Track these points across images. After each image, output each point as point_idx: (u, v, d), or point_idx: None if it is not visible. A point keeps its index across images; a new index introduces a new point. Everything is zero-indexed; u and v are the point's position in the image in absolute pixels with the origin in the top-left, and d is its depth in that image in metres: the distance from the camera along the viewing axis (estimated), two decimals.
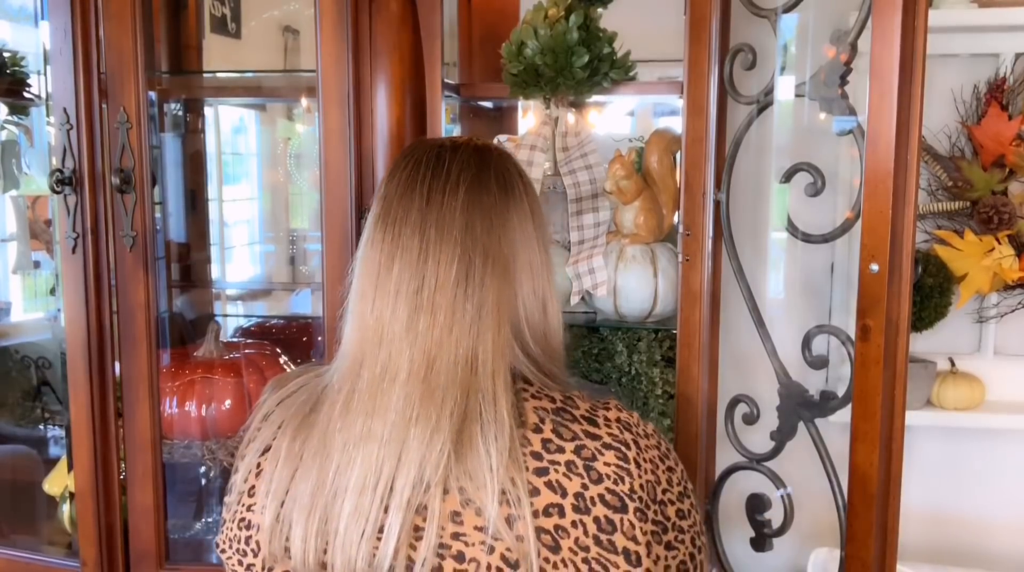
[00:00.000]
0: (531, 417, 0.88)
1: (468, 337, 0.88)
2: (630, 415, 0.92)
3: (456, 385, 0.86)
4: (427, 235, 0.89)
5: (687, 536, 0.93)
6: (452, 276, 0.88)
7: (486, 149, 0.98)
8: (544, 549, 0.84)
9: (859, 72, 1.23)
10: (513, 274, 0.92)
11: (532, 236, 0.94)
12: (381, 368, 0.88)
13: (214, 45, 1.95)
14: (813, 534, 1.64)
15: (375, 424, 0.86)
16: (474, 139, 1.00)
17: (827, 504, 1.31)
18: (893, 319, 1.22)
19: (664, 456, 0.92)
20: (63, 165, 1.53)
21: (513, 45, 1.52)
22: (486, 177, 0.93)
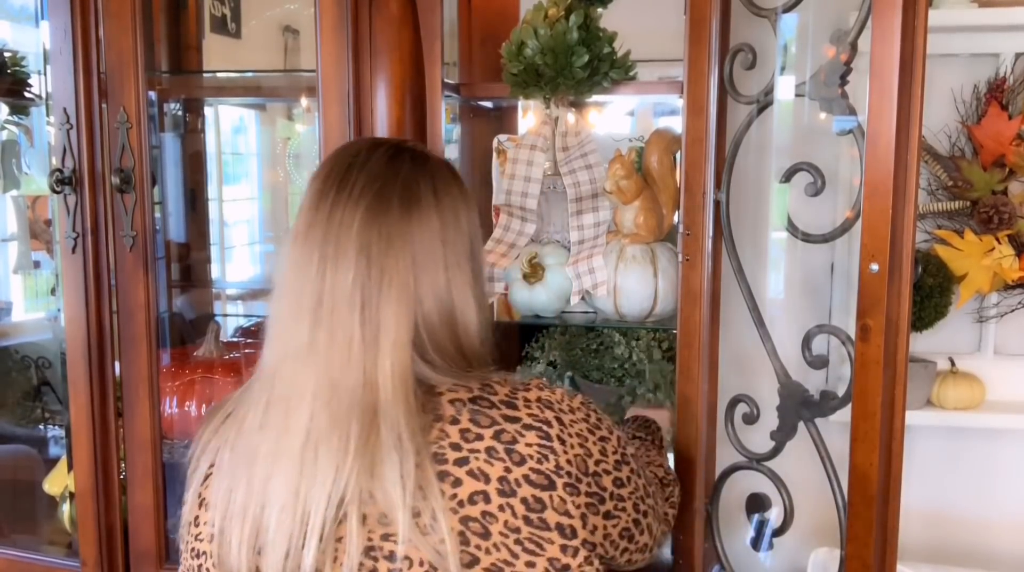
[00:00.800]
0: (447, 410, 0.89)
1: (366, 361, 0.88)
2: (552, 392, 0.94)
3: (358, 408, 0.87)
4: (325, 253, 0.90)
5: (628, 503, 0.96)
6: (347, 297, 0.89)
7: (398, 159, 0.96)
8: (475, 537, 0.85)
9: (859, 72, 1.23)
10: (413, 293, 0.91)
11: (439, 253, 0.93)
12: (289, 385, 0.90)
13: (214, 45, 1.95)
14: (813, 534, 1.64)
15: (288, 441, 0.88)
16: (393, 146, 0.99)
17: (827, 504, 1.31)
18: (893, 319, 1.22)
19: (595, 427, 0.94)
20: (63, 165, 1.53)
21: (513, 45, 1.52)
22: (389, 192, 0.92)
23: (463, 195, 0.99)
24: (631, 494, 0.97)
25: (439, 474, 0.86)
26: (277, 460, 0.88)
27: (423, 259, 0.92)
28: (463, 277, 0.95)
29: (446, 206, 0.96)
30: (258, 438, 0.90)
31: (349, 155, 0.97)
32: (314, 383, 0.88)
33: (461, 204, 0.98)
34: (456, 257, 0.95)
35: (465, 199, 1.00)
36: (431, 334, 0.92)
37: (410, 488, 0.84)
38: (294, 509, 0.86)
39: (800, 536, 1.52)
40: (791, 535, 1.41)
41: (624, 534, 0.97)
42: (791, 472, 1.39)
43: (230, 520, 0.90)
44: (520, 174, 1.58)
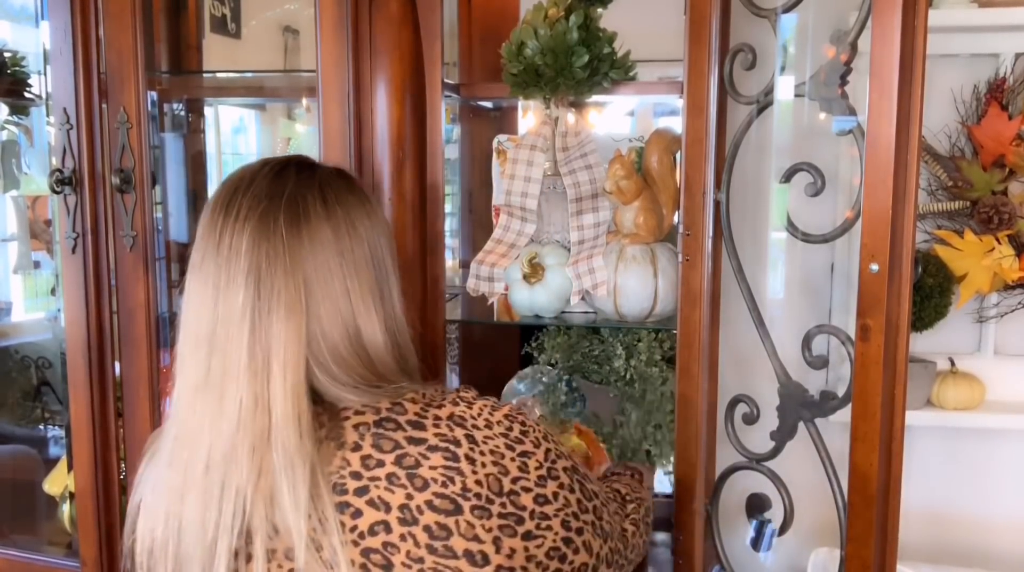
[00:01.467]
0: (350, 436, 0.87)
1: (257, 384, 0.86)
2: (469, 406, 0.90)
3: (251, 434, 0.85)
4: (218, 281, 0.89)
5: (555, 521, 0.89)
6: (237, 322, 0.87)
7: (282, 176, 0.94)
8: (376, 569, 0.82)
9: (859, 72, 1.23)
10: (304, 310, 0.88)
11: (335, 264, 0.90)
12: (189, 417, 0.90)
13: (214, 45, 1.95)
14: (813, 534, 1.64)
15: (192, 474, 0.87)
16: (279, 163, 0.96)
17: (827, 504, 1.31)
18: (893, 319, 1.22)
19: (515, 441, 0.89)
20: (63, 165, 1.53)
21: (513, 45, 1.52)
22: (274, 210, 0.90)
23: (361, 201, 0.96)
24: (559, 511, 0.90)
25: (339, 505, 0.83)
26: (186, 494, 0.87)
27: (317, 274, 0.89)
28: (363, 286, 0.92)
29: (339, 216, 0.92)
30: (168, 473, 0.90)
31: (235, 180, 0.95)
32: (211, 412, 0.87)
33: (358, 211, 0.95)
34: (355, 267, 0.92)
35: (363, 204, 0.96)
36: (332, 350, 0.89)
37: (303, 516, 0.82)
38: (203, 540, 0.85)
39: (800, 536, 1.52)
40: (791, 535, 1.41)
41: (553, 554, 0.89)
42: (791, 472, 1.39)
43: (155, 557, 0.91)
44: (520, 174, 1.58)
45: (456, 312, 1.80)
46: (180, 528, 0.87)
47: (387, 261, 0.97)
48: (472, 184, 1.94)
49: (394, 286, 0.97)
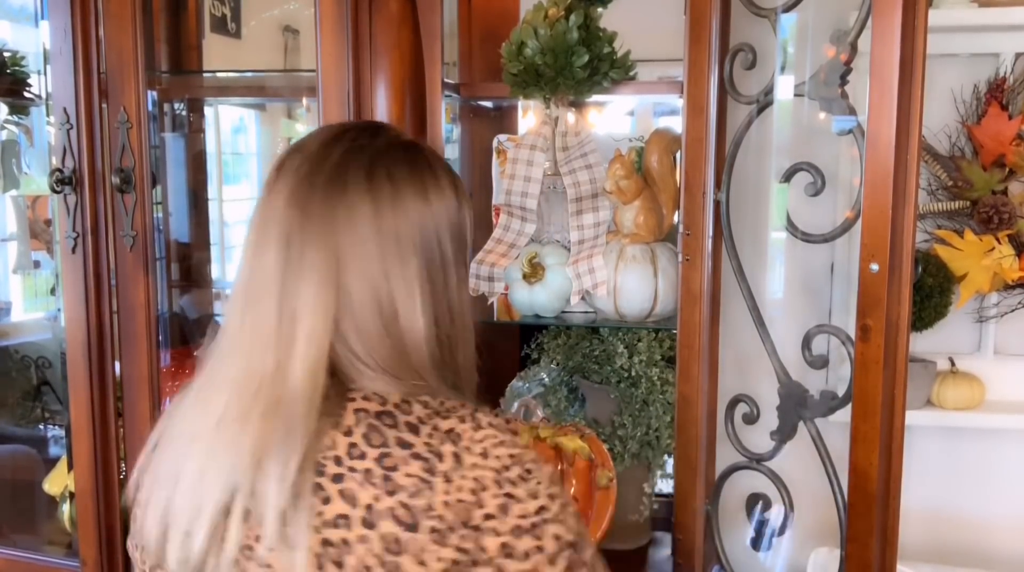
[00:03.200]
0: (348, 420, 0.83)
1: (280, 350, 0.84)
2: (476, 428, 0.83)
3: (265, 398, 0.84)
4: (256, 238, 0.88)
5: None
6: (268, 283, 0.86)
7: (338, 141, 0.91)
8: (329, 564, 0.78)
9: (859, 72, 1.23)
10: (335, 282, 0.85)
11: (372, 241, 0.86)
12: (215, 370, 0.89)
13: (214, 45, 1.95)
14: (813, 534, 1.64)
15: (203, 424, 0.86)
16: (344, 127, 0.94)
17: (827, 504, 1.31)
18: (893, 319, 1.22)
19: (507, 481, 0.80)
20: (63, 165, 1.53)
21: (513, 45, 1.52)
22: (316, 175, 0.88)
23: (419, 180, 0.90)
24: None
25: (314, 486, 0.80)
26: (193, 441, 0.86)
27: (353, 248, 0.86)
28: (407, 269, 0.87)
29: (384, 192, 0.88)
30: (183, 420, 0.90)
31: (301, 140, 0.93)
32: (235, 369, 0.86)
33: (411, 190, 0.89)
34: (397, 246, 0.87)
35: (422, 184, 0.90)
36: (361, 327, 0.86)
37: (285, 491, 0.79)
38: (195, 490, 0.83)
39: (800, 536, 1.52)
40: (791, 535, 1.41)
41: None
42: (791, 472, 1.39)
43: (151, 494, 0.89)
44: (520, 174, 1.58)
45: None
46: (180, 472, 0.86)
47: (447, 250, 0.91)
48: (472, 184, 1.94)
49: (452, 278, 0.91)
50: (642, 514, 1.66)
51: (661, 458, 1.65)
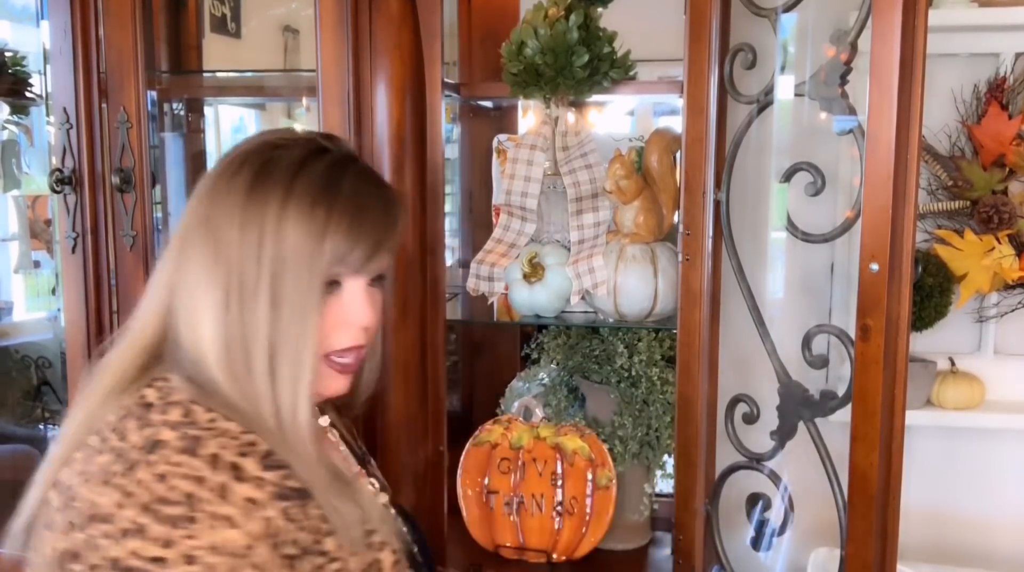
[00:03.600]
0: (125, 401, 0.88)
1: (129, 334, 0.93)
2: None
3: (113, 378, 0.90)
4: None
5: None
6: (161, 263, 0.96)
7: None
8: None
9: (859, 72, 1.23)
10: (171, 279, 0.93)
11: (177, 237, 0.94)
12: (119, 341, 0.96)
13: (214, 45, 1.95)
14: (813, 534, 1.64)
15: (95, 392, 0.90)
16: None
17: (827, 504, 1.31)
18: (893, 319, 1.22)
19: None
20: (63, 164, 1.53)
21: (513, 45, 1.52)
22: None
23: (208, 180, 0.93)
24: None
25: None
26: (73, 415, 0.90)
27: (174, 243, 0.94)
28: (200, 284, 0.90)
29: (199, 196, 0.93)
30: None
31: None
32: (123, 342, 0.95)
33: (203, 189, 0.93)
34: (185, 243, 0.92)
35: (209, 185, 0.92)
36: (169, 322, 0.93)
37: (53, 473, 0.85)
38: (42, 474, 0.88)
39: (800, 536, 1.52)
40: (791, 535, 1.41)
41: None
42: (791, 472, 1.39)
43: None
44: (520, 174, 1.58)
45: (456, 312, 1.80)
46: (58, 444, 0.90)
47: (263, 277, 0.88)
48: (472, 184, 1.94)
49: (259, 308, 0.87)
50: (642, 514, 1.66)
51: (661, 458, 1.65)
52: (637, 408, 1.63)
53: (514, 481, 1.60)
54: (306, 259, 0.88)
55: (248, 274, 0.88)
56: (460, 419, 1.93)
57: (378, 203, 0.94)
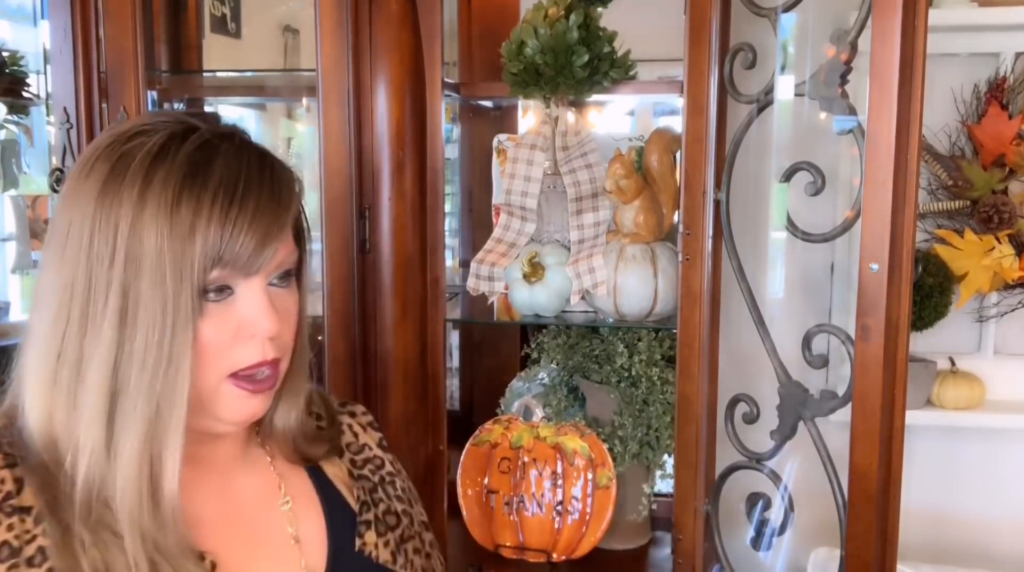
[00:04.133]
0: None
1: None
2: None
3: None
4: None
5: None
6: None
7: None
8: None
9: (859, 72, 1.23)
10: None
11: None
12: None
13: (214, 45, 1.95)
14: (813, 534, 1.64)
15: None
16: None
17: (827, 504, 1.31)
18: (893, 319, 1.22)
19: None
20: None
21: (513, 44, 1.52)
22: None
23: (64, 186, 0.80)
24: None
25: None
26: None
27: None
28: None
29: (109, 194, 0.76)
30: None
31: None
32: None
33: (59, 197, 0.80)
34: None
35: (63, 192, 0.79)
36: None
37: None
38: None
39: (800, 536, 1.52)
40: (791, 535, 1.41)
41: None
42: (791, 472, 1.39)
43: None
44: (520, 174, 1.58)
45: (456, 312, 1.79)
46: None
47: (95, 287, 0.75)
48: (472, 184, 1.94)
49: (106, 326, 0.74)
50: (641, 514, 1.66)
51: (661, 458, 1.65)
52: (637, 408, 1.63)
53: (514, 481, 1.60)
54: (170, 264, 0.73)
55: (95, 288, 0.74)
56: (460, 419, 1.93)
57: (261, 185, 0.77)
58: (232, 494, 0.88)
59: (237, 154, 0.78)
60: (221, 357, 0.78)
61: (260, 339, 0.79)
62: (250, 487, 0.89)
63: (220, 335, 0.77)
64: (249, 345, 0.79)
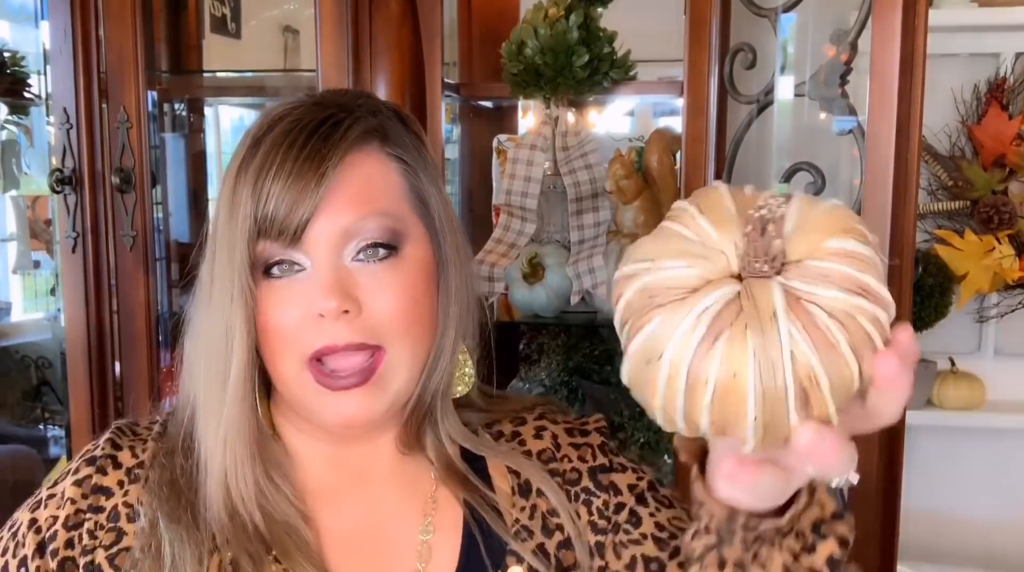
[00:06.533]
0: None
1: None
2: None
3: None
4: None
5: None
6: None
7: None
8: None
9: (859, 72, 1.23)
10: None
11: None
12: None
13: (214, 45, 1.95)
14: None
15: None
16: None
17: None
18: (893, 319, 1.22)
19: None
20: (63, 165, 1.53)
21: (513, 45, 1.52)
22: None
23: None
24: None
25: None
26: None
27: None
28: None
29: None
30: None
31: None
32: None
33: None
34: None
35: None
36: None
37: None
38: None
39: None
40: None
41: None
42: None
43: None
44: (520, 174, 1.58)
45: None
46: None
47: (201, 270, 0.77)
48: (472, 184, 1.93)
49: (200, 299, 0.77)
50: None
51: (661, 458, 1.65)
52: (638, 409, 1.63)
53: None
54: (227, 241, 0.71)
55: (205, 271, 0.75)
56: None
57: (308, 141, 0.70)
58: (374, 509, 0.78)
59: (298, 120, 0.71)
60: (295, 339, 0.71)
61: (323, 319, 0.69)
62: (395, 505, 0.78)
63: (286, 314, 0.71)
64: (321, 326, 0.70)
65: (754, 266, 0.49)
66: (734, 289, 0.49)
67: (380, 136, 0.74)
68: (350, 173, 0.71)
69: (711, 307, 0.48)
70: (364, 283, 0.71)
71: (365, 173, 0.72)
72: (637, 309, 0.52)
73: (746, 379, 0.47)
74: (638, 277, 0.52)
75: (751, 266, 0.49)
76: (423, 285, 0.74)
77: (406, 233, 0.73)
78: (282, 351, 0.71)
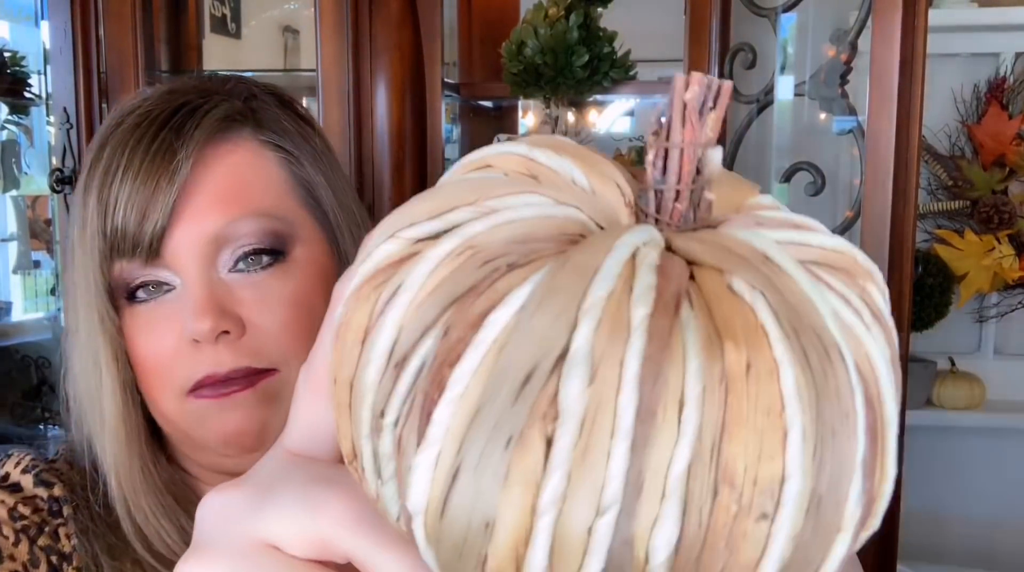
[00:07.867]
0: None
1: None
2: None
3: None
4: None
5: None
6: None
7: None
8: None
9: (859, 72, 1.23)
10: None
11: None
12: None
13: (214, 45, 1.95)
14: None
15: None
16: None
17: None
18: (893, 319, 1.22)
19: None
20: (63, 164, 1.53)
21: (513, 45, 1.52)
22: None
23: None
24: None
25: None
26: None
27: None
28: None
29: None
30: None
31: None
32: None
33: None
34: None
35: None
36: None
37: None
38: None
39: None
40: None
41: None
42: None
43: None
44: None
45: None
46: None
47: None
48: None
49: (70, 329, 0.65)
50: None
51: None
52: None
53: None
54: (80, 260, 0.60)
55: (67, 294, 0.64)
56: None
57: (151, 142, 0.59)
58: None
59: (146, 114, 0.60)
60: (169, 371, 0.59)
61: (206, 344, 0.58)
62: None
63: (156, 343, 0.60)
64: (199, 353, 0.58)
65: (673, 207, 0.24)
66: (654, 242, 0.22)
67: (251, 122, 0.63)
68: (213, 168, 0.60)
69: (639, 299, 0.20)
70: (246, 297, 0.59)
71: (233, 166, 0.61)
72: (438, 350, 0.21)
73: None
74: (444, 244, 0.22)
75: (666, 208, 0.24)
76: (320, 291, 0.61)
77: (293, 234, 0.62)
78: (159, 387, 0.60)
